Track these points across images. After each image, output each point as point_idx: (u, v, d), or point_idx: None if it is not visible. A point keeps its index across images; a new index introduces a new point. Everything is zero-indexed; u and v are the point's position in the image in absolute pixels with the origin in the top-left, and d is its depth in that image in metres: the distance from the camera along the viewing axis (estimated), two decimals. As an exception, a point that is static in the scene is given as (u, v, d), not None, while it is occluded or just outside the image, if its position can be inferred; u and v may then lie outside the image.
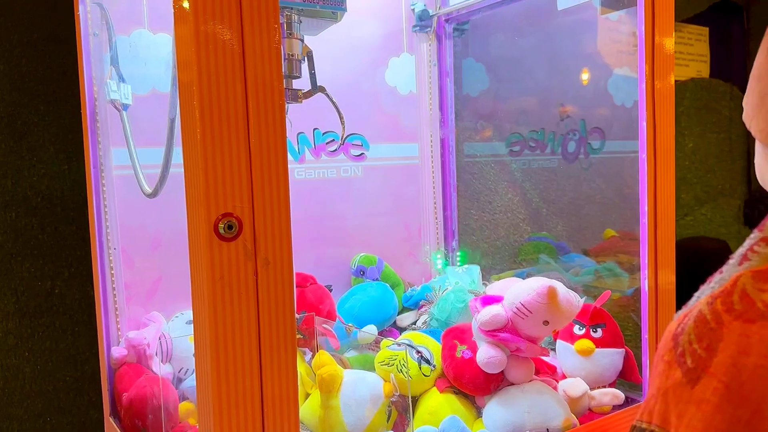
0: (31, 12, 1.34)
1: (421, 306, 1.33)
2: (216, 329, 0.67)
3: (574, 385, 1.06)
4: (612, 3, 1.35)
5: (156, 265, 1.21)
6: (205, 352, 0.69)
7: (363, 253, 1.42)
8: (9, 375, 1.35)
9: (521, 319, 0.98)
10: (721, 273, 0.43)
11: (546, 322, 0.97)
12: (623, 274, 1.38)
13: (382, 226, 1.50)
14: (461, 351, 1.04)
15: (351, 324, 1.22)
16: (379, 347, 1.14)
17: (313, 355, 1.12)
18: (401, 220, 1.53)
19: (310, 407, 1.03)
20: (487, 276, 1.55)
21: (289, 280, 0.71)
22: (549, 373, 1.13)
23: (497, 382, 1.02)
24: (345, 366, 1.12)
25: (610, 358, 1.12)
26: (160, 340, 1.16)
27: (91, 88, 1.14)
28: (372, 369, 1.08)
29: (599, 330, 1.13)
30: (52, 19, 1.35)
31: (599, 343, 1.12)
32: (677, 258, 2.09)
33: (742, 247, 0.43)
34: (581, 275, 1.47)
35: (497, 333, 0.99)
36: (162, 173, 0.89)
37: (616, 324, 1.16)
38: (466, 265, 1.36)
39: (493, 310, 1.00)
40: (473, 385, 1.02)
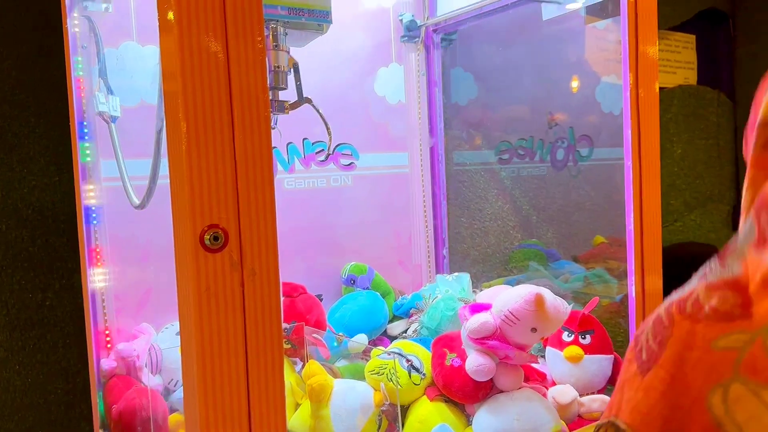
0: (20, 25, 1.34)
1: (412, 314, 1.34)
2: (202, 340, 0.68)
3: (563, 392, 1.07)
4: (596, 12, 1.37)
5: (146, 277, 1.21)
6: (191, 364, 0.69)
7: (353, 262, 1.42)
8: (0, 388, 1.35)
9: (510, 327, 0.99)
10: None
11: (534, 330, 0.98)
12: (612, 280, 1.39)
13: (373, 234, 1.50)
14: (451, 359, 1.05)
15: (341, 333, 1.22)
16: (369, 356, 1.14)
17: (303, 364, 1.12)
18: (391, 229, 1.54)
19: (301, 417, 1.03)
20: (477, 284, 1.55)
21: (275, 291, 0.71)
22: (539, 380, 1.13)
23: (486, 390, 1.02)
24: (335, 375, 1.12)
25: (599, 364, 1.13)
26: (149, 352, 1.16)
27: (79, 100, 1.14)
28: (363, 378, 1.08)
29: (588, 336, 1.14)
30: (42, 32, 1.35)
31: (588, 349, 1.13)
32: (667, 263, 2.10)
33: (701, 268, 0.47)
34: (571, 282, 1.48)
35: (486, 341, 0.99)
36: (150, 185, 0.89)
37: (604, 330, 1.17)
38: (456, 273, 1.37)
39: (481, 318, 1.00)
40: (463, 393, 1.02)
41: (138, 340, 1.17)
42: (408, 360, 1.08)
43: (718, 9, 2.51)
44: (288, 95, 0.94)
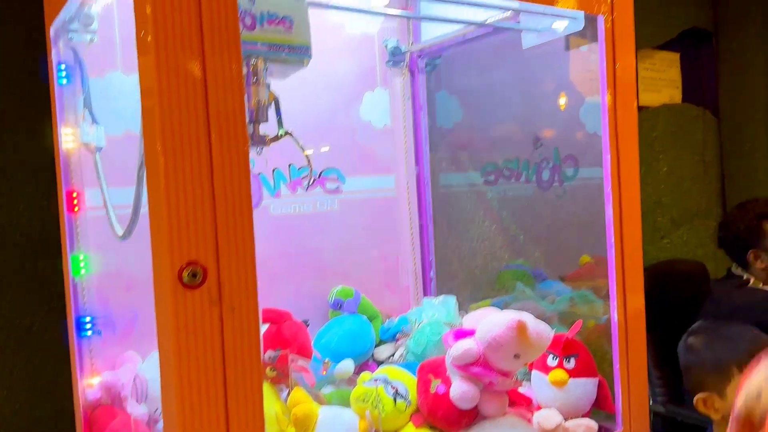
0: (9, 49, 1.36)
1: (398, 338, 1.34)
2: (181, 377, 0.68)
3: (547, 417, 1.07)
4: (576, 41, 1.38)
5: (131, 305, 1.21)
6: (171, 400, 0.69)
7: (340, 286, 1.43)
8: (-14, 414, 1.34)
9: (493, 353, 0.99)
10: None
11: (517, 356, 0.99)
12: (598, 300, 1.39)
13: (360, 258, 1.51)
14: (435, 386, 1.05)
15: (328, 359, 1.22)
16: (356, 382, 1.14)
17: (289, 392, 1.12)
18: (378, 252, 1.54)
19: (286, 446, 1.03)
20: (465, 305, 1.56)
21: (255, 326, 0.71)
22: (524, 404, 1.14)
23: (471, 417, 1.02)
24: (321, 402, 1.12)
25: (584, 388, 1.13)
26: (134, 381, 1.15)
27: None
28: (349, 404, 1.08)
29: (572, 360, 1.14)
30: (32, 56, 1.37)
31: (573, 373, 1.13)
32: (655, 280, 2.11)
33: None
34: (557, 303, 1.48)
35: (469, 367, 1.00)
36: (132, 217, 0.90)
37: (589, 353, 1.17)
38: (442, 296, 1.37)
39: (464, 344, 1.01)
40: (447, 420, 1.02)
41: (123, 369, 1.17)
42: (393, 387, 1.08)
43: (701, 28, 2.56)
44: (270, 127, 0.95)
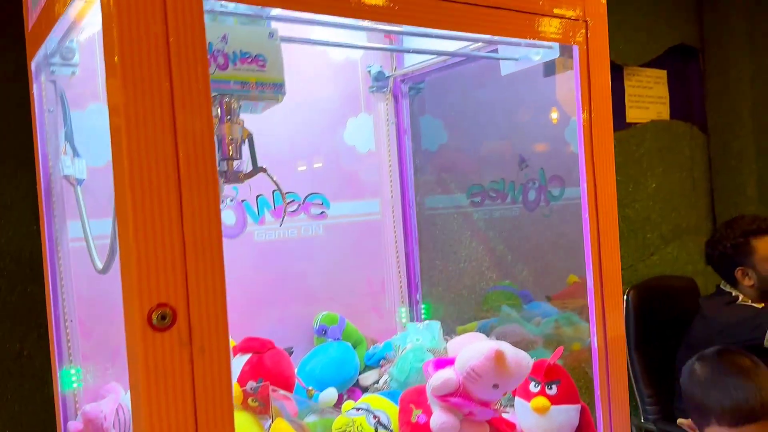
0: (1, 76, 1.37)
1: (382, 365, 1.34)
2: (151, 419, 0.68)
3: (529, 445, 1.07)
4: (560, 61, 1.39)
5: (113, 336, 1.21)
6: (142, 442, 0.69)
7: (325, 312, 1.43)
8: (-24, 441, 1.33)
9: (472, 383, 0.99)
10: None
11: (496, 386, 0.99)
12: (582, 323, 1.39)
13: (345, 282, 1.51)
14: (416, 415, 1.05)
15: (311, 387, 1.22)
16: (340, 410, 1.14)
17: (272, 422, 1.12)
18: (364, 276, 1.55)
19: (267, 478, 1.02)
20: (453, 326, 1.56)
21: (225, 366, 0.72)
22: (508, 431, 1.13)
23: (452, 447, 1.02)
24: (304, 432, 1.12)
25: (566, 414, 1.13)
26: (117, 412, 1.15)
27: (46, 163, 1.16)
28: (332, 434, 1.08)
29: (554, 387, 1.14)
30: (22, 83, 1.38)
31: (555, 399, 1.13)
32: (645, 296, 2.10)
33: None
34: (542, 325, 1.48)
35: (449, 398, 1.00)
36: (110, 251, 0.90)
37: (571, 379, 1.17)
38: (426, 321, 1.37)
39: (443, 375, 1.01)
40: (428, 450, 1.02)
41: (106, 400, 1.17)
42: (375, 416, 1.08)
43: (687, 44, 2.58)
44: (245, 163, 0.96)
